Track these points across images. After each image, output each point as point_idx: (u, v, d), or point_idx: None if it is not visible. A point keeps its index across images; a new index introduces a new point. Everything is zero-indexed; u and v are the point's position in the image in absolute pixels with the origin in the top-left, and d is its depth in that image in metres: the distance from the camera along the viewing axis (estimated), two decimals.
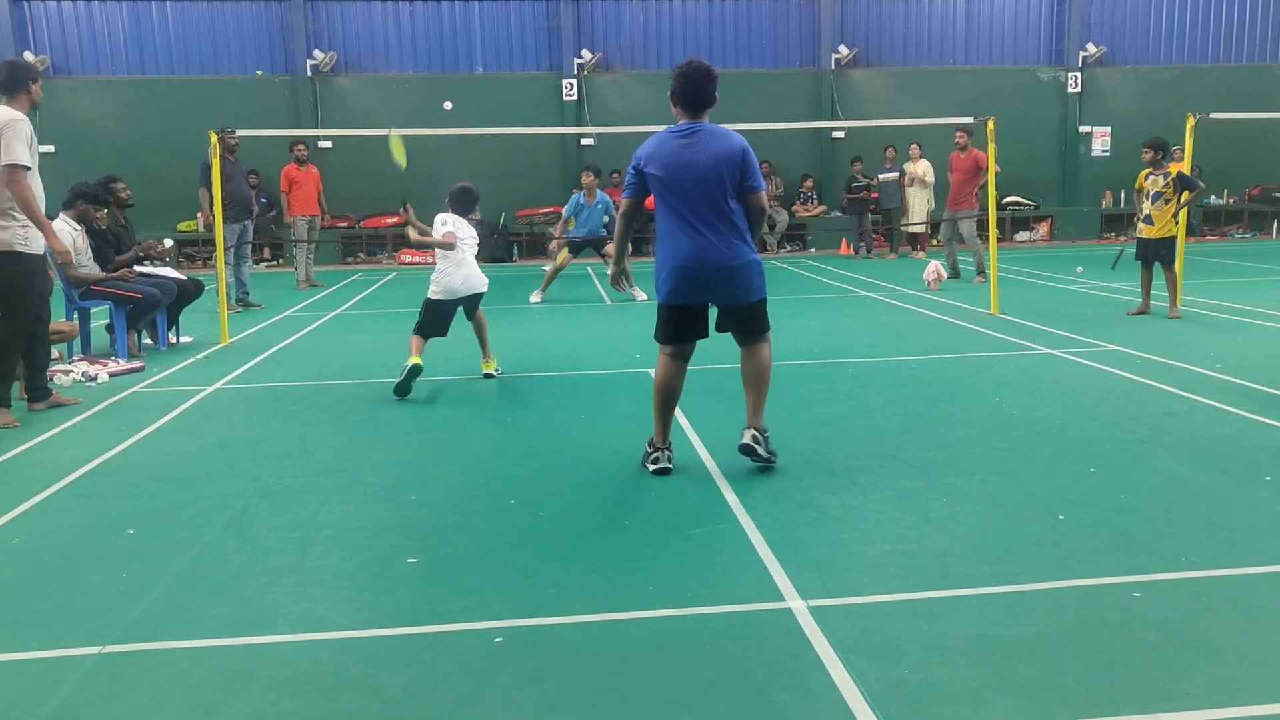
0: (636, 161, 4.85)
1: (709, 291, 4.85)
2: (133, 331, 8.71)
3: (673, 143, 4.77)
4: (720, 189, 4.73)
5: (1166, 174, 9.56)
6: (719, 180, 4.71)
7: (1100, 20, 19.92)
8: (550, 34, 18.95)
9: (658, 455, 4.97)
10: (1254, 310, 9.95)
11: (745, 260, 4.85)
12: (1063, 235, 19.87)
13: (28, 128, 6.15)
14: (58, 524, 4.45)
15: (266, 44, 18.63)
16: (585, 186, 12.27)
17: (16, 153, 6.01)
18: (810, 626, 3.24)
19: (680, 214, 4.76)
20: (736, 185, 4.76)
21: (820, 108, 19.33)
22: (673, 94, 4.82)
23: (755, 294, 4.95)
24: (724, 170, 4.71)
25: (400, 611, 3.47)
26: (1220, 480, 4.67)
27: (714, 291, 4.86)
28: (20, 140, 6.04)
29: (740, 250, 4.82)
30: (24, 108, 6.28)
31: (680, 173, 4.72)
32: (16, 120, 6.08)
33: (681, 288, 4.84)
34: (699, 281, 4.80)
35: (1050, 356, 7.80)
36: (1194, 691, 2.80)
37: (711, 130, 4.80)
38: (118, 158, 16.19)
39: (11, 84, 6.28)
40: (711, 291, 4.86)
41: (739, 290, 4.88)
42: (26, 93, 6.32)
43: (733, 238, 4.78)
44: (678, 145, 4.76)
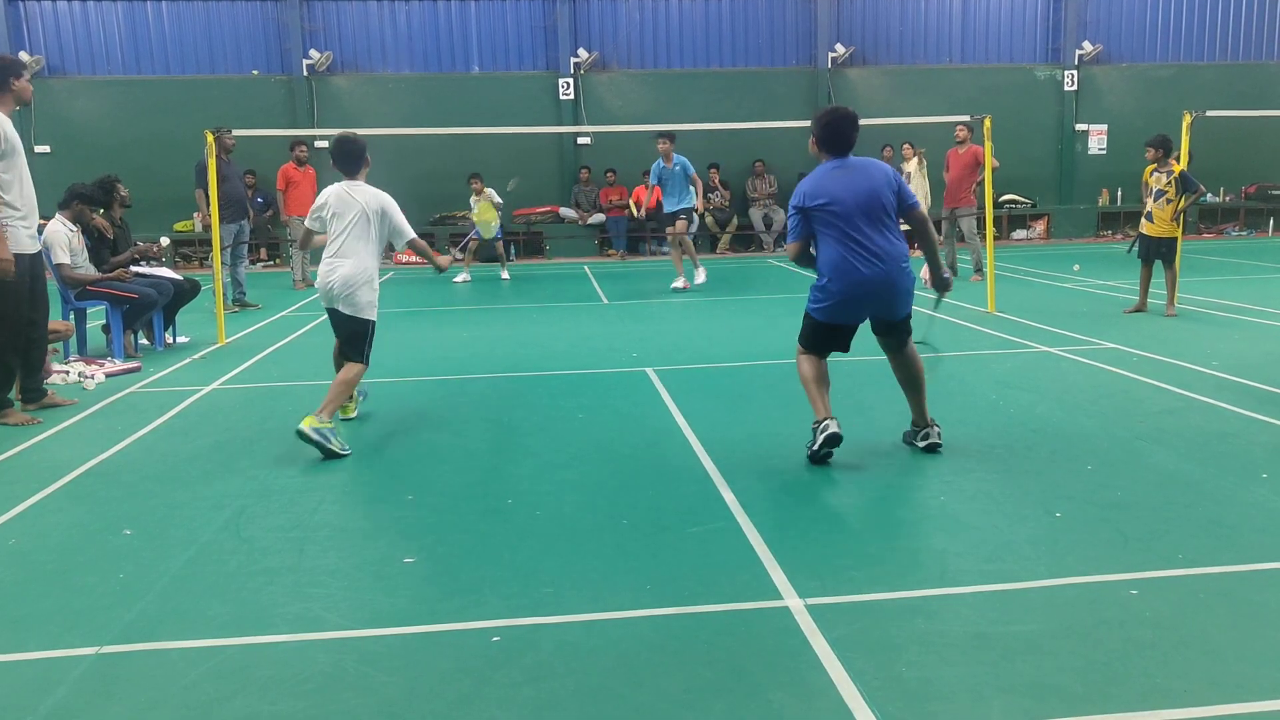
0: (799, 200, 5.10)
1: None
2: (129, 332, 8.69)
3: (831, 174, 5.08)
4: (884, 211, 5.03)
5: (1170, 171, 9.55)
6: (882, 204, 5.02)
7: (1096, 18, 19.92)
8: (547, 33, 18.93)
9: (825, 422, 5.02)
10: (1250, 308, 9.96)
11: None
12: (1059, 233, 19.88)
13: (2, 126, 6.01)
14: (54, 524, 4.45)
15: (262, 44, 18.59)
16: (662, 152, 12.57)
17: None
18: (808, 624, 3.24)
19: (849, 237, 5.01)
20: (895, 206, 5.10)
21: (817, 106, 19.23)
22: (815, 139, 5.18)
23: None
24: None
25: (397, 611, 3.47)
26: (1217, 477, 4.67)
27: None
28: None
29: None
30: (7, 105, 6.16)
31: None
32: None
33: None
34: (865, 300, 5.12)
35: (1047, 354, 7.81)
36: (1191, 688, 2.80)
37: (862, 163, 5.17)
38: (113, 158, 16.14)
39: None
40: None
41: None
42: (9, 90, 6.17)
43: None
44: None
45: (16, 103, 6.27)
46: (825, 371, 5.25)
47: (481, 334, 9.64)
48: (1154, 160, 9.59)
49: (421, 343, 9.29)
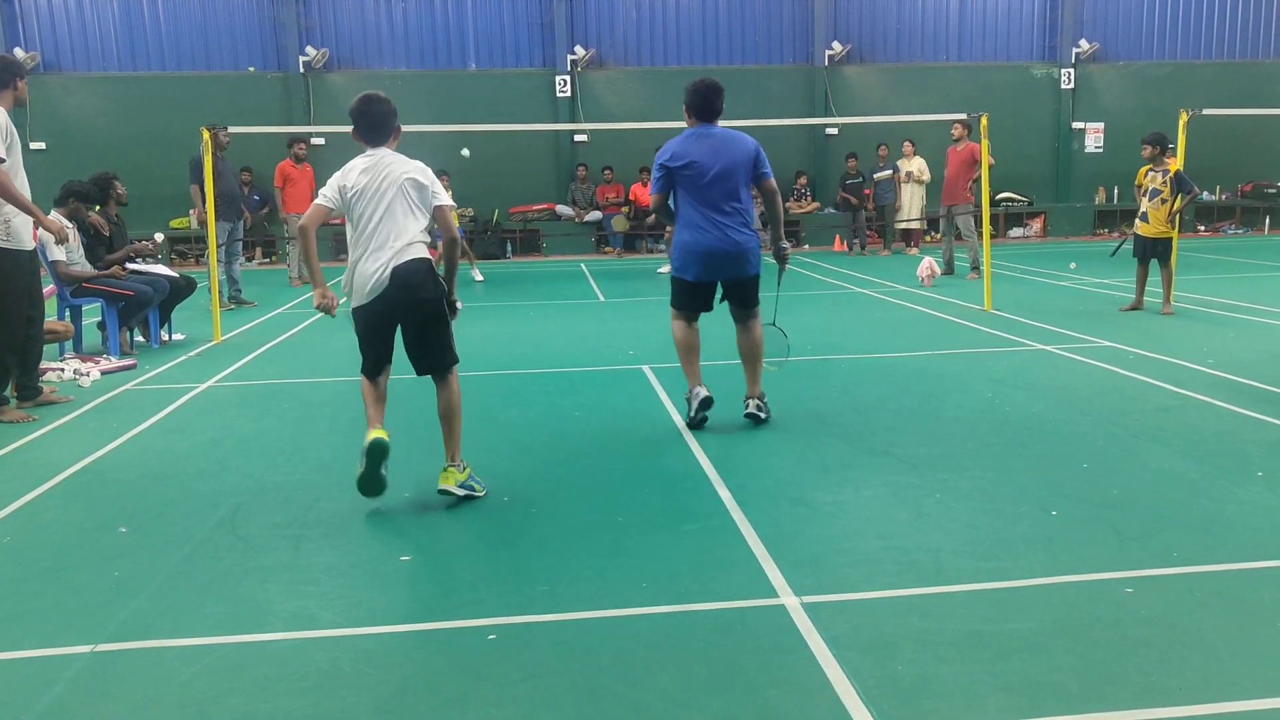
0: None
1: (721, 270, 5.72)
2: (125, 329, 8.68)
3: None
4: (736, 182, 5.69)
5: (1165, 171, 9.55)
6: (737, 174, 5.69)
7: (1093, 16, 19.95)
8: (543, 30, 18.92)
9: (696, 390, 5.64)
10: (1246, 306, 9.98)
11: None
12: (1056, 231, 19.90)
13: (4, 120, 6.08)
14: (49, 522, 4.44)
15: (259, 40, 18.58)
16: None
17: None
18: (804, 623, 3.24)
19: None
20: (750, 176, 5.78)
21: (814, 104, 19.33)
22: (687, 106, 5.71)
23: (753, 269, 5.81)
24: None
25: (393, 609, 3.46)
26: (1212, 476, 4.68)
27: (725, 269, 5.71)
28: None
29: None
30: (7, 104, 6.24)
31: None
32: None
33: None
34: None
35: (1043, 352, 7.81)
36: (1186, 686, 2.80)
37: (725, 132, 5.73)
38: (109, 155, 16.12)
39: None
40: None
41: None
42: (12, 89, 6.29)
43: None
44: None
45: (15, 103, 6.32)
46: (696, 340, 5.80)
47: (478, 332, 9.63)
48: (1150, 158, 9.59)
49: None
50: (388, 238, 4.47)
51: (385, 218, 4.49)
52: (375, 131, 4.62)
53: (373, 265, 4.47)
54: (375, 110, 4.62)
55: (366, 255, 4.50)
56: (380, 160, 4.57)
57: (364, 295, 4.53)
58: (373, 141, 4.63)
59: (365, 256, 4.50)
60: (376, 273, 4.45)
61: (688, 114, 5.73)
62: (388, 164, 4.57)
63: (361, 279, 4.52)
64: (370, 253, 4.49)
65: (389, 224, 4.48)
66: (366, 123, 4.61)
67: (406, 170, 4.57)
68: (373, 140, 4.63)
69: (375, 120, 4.62)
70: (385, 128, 4.65)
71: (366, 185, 4.50)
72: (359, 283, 4.55)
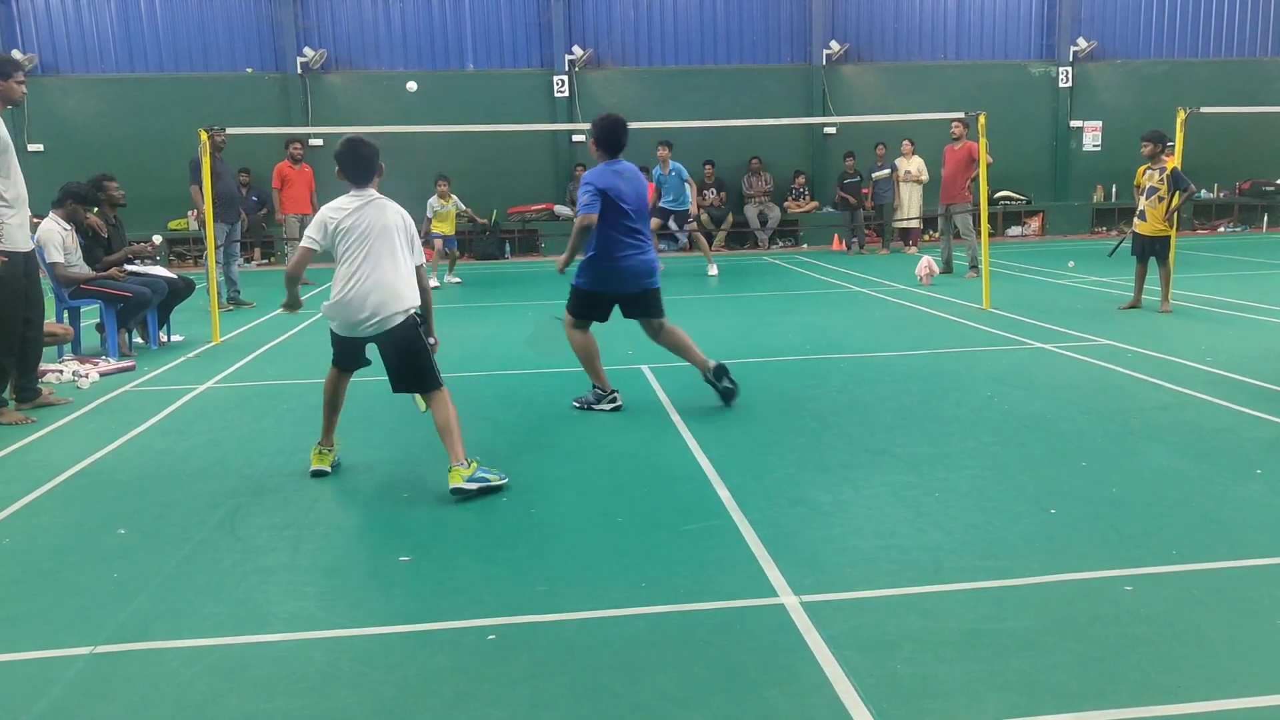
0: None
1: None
2: (123, 330, 8.68)
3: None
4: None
5: (1163, 169, 9.56)
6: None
7: (1091, 15, 19.95)
8: (541, 30, 18.91)
9: (614, 394, 6.36)
10: (1244, 304, 9.98)
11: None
12: (1054, 230, 19.90)
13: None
14: (48, 524, 4.43)
15: (256, 41, 18.56)
16: (660, 158, 13.87)
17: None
18: (803, 622, 3.24)
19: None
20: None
21: (812, 103, 19.33)
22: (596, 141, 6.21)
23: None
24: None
25: (393, 609, 3.47)
26: (1211, 474, 4.68)
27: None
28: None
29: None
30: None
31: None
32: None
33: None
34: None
35: (1042, 351, 7.82)
36: (1185, 684, 2.80)
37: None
38: (107, 156, 16.10)
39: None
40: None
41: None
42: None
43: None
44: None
45: (7, 102, 6.26)
46: (595, 342, 6.34)
47: (475, 332, 9.63)
48: (1150, 156, 9.60)
49: None
50: (369, 273, 4.73)
51: (371, 258, 4.74)
52: (361, 172, 4.87)
53: (357, 307, 4.74)
54: (361, 153, 4.87)
55: (352, 294, 4.74)
56: (369, 203, 4.83)
57: (346, 329, 4.84)
58: (359, 182, 4.88)
59: (351, 295, 4.74)
60: (362, 319, 4.74)
61: (596, 148, 6.22)
62: (377, 207, 4.84)
63: (345, 316, 4.78)
64: (356, 292, 4.73)
65: (371, 261, 4.74)
66: (352, 165, 4.86)
67: (387, 211, 4.85)
68: (359, 181, 4.88)
69: (361, 162, 4.87)
70: (370, 169, 4.89)
71: (354, 225, 4.76)
72: (343, 317, 4.80)
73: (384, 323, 4.74)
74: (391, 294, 4.73)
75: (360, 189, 4.86)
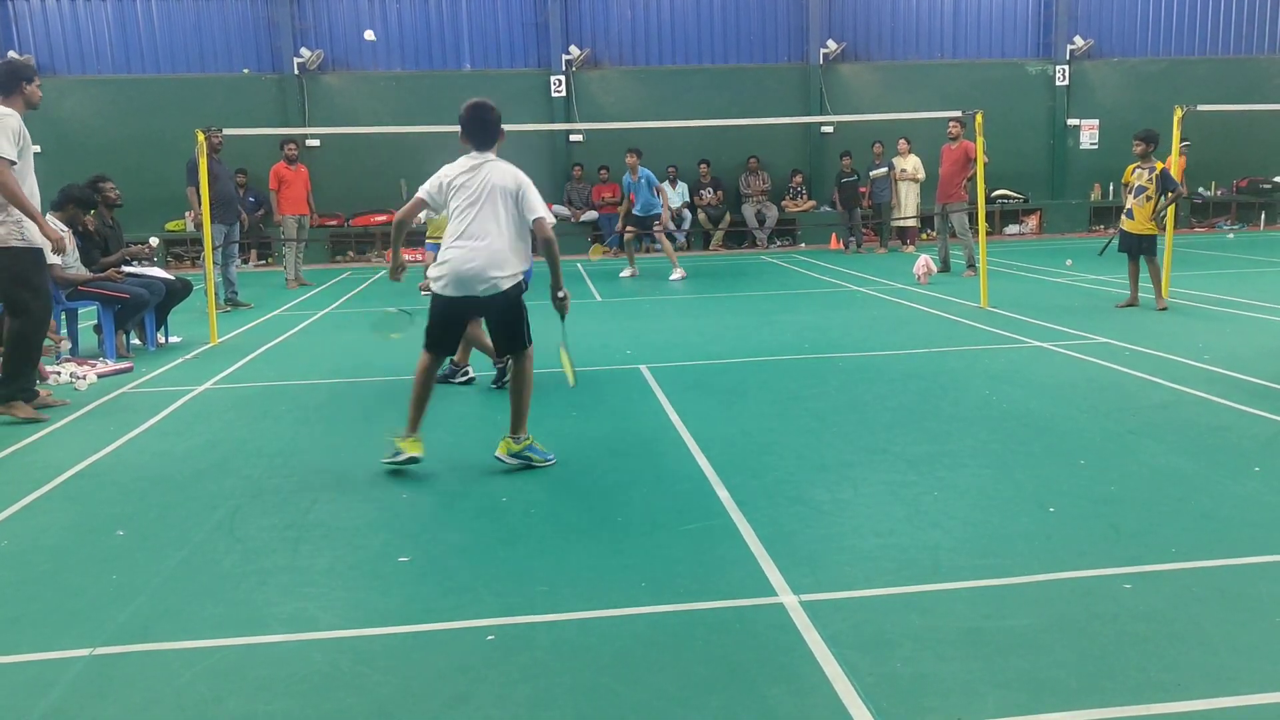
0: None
1: None
2: (121, 332, 8.67)
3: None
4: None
5: (1152, 169, 9.60)
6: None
7: (1088, 13, 19.95)
8: (538, 30, 18.90)
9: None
10: (1241, 302, 9.99)
11: None
12: (1052, 228, 19.91)
13: (16, 123, 6.14)
14: (47, 526, 4.43)
15: (253, 42, 18.54)
16: (629, 165, 13.99)
17: (5, 148, 5.99)
18: (802, 621, 3.24)
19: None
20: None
21: (809, 102, 19.33)
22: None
23: None
24: None
25: (392, 610, 3.46)
26: (1209, 471, 4.69)
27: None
28: (7, 135, 6.02)
29: None
30: (18, 108, 6.28)
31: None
32: (5, 115, 6.08)
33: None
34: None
35: (1040, 349, 7.82)
36: (1184, 682, 2.81)
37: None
38: (104, 157, 16.09)
39: (7, 84, 6.29)
40: None
41: None
42: (20, 93, 6.33)
43: None
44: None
45: (27, 106, 6.37)
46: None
47: None
48: (1141, 155, 9.65)
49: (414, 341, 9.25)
50: (476, 234, 4.85)
51: (481, 218, 4.87)
52: (484, 135, 5.03)
53: (465, 260, 4.83)
54: (484, 116, 5.03)
55: (463, 250, 4.85)
56: (486, 163, 4.97)
57: (455, 287, 4.90)
58: (480, 145, 5.04)
59: (460, 252, 4.85)
60: (470, 276, 4.84)
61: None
62: (493, 168, 4.97)
63: (454, 270, 4.86)
64: (466, 249, 4.84)
65: (479, 223, 4.86)
66: (476, 127, 5.02)
67: (501, 175, 4.95)
68: (481, 143, 5.04)
69: (482, 125, 5.03)
70: (492, 132, 5.05)
71: (467, 183, 4.92)
72: (453, 272, 4.87)
73: (493, 285, 4.86)
74: (499, 256, 4.86)
75: (481, 151, 5.00)
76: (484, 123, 5.01)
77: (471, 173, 4.93)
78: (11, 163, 6.05)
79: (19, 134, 6.12)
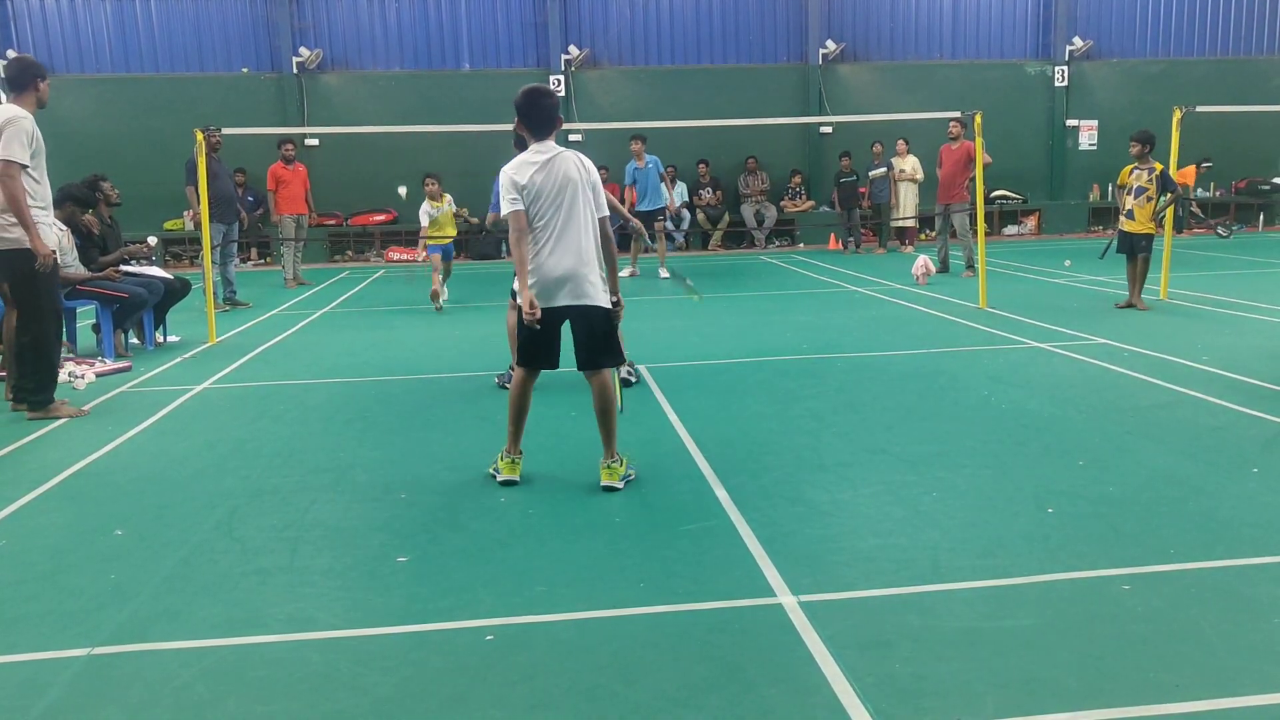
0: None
1: None
2: (119, 331, 8.66)
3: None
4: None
5: (1151, 169, 9.63)
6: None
7: (1087, 14, 19.95)
8: (537, 30, 18.89)
9: None
10: (1240, 302, 10.00)
11: None
12: (1050, 229, 19.91)
13: (30, 125, 6.12)
14: (45, 525, 4.43)
15: (252, 41, 18.52)
16: (635, 152, 13.81)
17: (14, 150, 5.98)
18: (801, 621, 3.24)
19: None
20: None
21: (808, 103, 19.32)
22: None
23: None
24: None
25: (390, 610, 3.46)
26: (1208, 472, 4.69)
27: None
28: (20, 138, 6.01)
29: None
30: (30, 106, 6.26)
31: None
32: (20, 118, 6.06)
33: None
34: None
35: (1039, 350, 7.82)
36: (1183, 682, 2.81)
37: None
38: (102, 156, 16.07)
39: (19, 81, 6.28)
40: None
41: None
42: (34, 91, 6.31)
43: None
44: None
45: (38, 104, 6.37)
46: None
47: (472, 332, 9.62)
48: (1138, 156, 9.68)
49: (412, 341, 9.27)
50: (566, 235, 4.58)
51: (563, 218, 4.60)
52: (545, 124, 4.70)
53: (553, 267, 4.58)
54: (544, 104, 4.72)
55: (550, 257, 4.59)
56: (555, 157, 4.65)
57: (544, 297, 4.61)
58: (540, 134, 4.71)
59: (547, 258, 4.59)
60: (559, 282, 4.59)
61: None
62: (563, 160, 4.66)
63: (542, 278, 4.60)
64: (552, 255, 4.58)
65: (565, 221, 4.59)
66: (536, 115, 4.70)
67: (576, 164, 4.69)
68: (540, 132, 4.71)
69: (543, 112, 4.71)
70: (552, 120, 4.73)
71: (545, 184, 4.59)
72: (541, 281, 4.61)
73: (582, 294, 4.61)
74: (588, 256, 4.62)
75: (541, 141, 4.69)
76: (544, 108, 4.70)
77: (545, 170, 4.59)
78: (23, 166, 6.03)
79: (32, 136, 6.10)
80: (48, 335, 6.40)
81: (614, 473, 4.67)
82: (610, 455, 4.71)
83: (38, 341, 6.33)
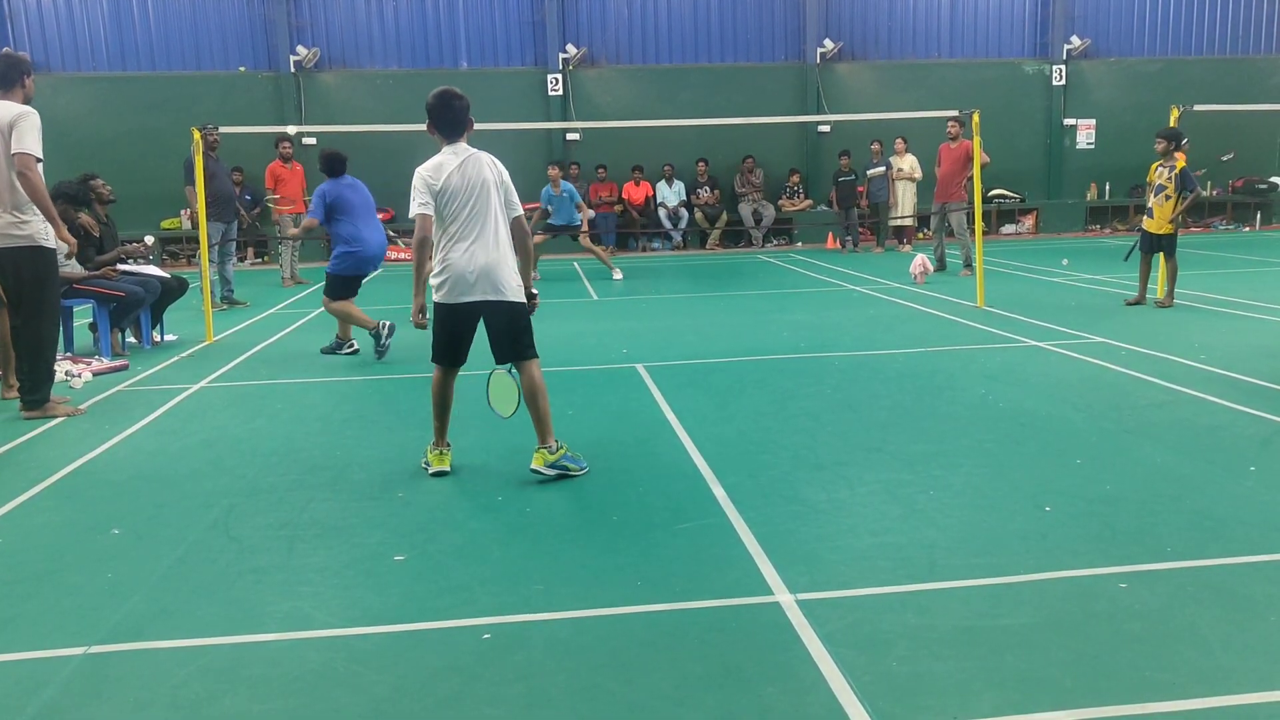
0: None
1: None
2: (116, 330, 8.65)
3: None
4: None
5: (1172, 167, 9.64)
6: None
7: (1084, 13, 19.97)
8: (535, 29, 18.89)
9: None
10: (1238, 301, 10.01)
11: None
12: (1048, 228, 19.92)
13: (37, 119, 6.12)
14: (42, 524, 4.42)
15: (249, 40, 18.51)
16: (551, 178, 13.81)
17: (31, 143, 6.00)
18: (798, 620, 3.24)
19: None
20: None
21: (806, 102, 19.33)
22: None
23: None
24: None
25: (387, 609, 3.46)
26: (1205, 471, 4.69)
27: None
28: (35, 132, 6.04)
29: None
30: (18, 100, 6.24)
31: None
32: (31, 113, 6.08)
33: None
34: None
35: (1036, 349, 7.83)
36: (1180, 681, 2.81)
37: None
38: (99, 155, 16.07)
39: (7, 77, 6.24)
40: None
41: None
42: (21, 86, 6.28)
43: None
44: None
45: (24, 99, 6.34)
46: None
47: None
48: (1163, 153, 9.68)
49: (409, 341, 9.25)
50: (476, 233, 4.71)
51: (472, 214, 4.72)
52: (455, 124, 4.83)
53: (465, 267, 4.70)
54: (455, 105, 4.83)
55: (462, 255, 4.71)
56: (468, 159, 4.77)
57: (456, 294, 4.74)
58: (452, 136, 4.84)
59: (459, 256, 4.71)
60: (472, 282, 4.70)
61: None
62: (476, 162, 4.78)
63: (454, 276, 4.72)
64: (464, 254, 4.70)
65: (476, 220, 4.72)
66: (447, 117, 4.82)
67: (486, 165, 4.82)
68: (452, 135, 4.84)
69: (454, 114, 4.83)
70: (463, 122, 4.85)
71: (458, 185, 4.71)
72: (453, 279, 4.73)
73: (496, 290, 4.72)
74: (499, 257, 4.74)
75: (453, 144, 4.81)
76: (456, 110, 4.82)
77: (459, 171, 4.71)
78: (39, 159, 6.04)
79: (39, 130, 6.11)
80: (47, 335, 6.38)
81: (541, 457, 4.78)
82: (543, 441, 4.83)
83: (37, 340, 6.32)
